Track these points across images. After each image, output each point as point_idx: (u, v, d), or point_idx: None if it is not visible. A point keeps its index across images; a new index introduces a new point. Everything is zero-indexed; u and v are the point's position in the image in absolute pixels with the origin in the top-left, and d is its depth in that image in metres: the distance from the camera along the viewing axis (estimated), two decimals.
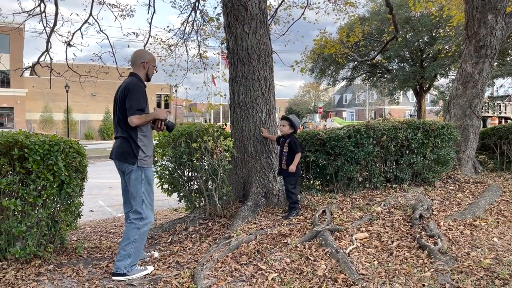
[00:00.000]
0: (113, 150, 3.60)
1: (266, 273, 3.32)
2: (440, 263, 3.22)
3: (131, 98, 3.43)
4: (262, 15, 4.97)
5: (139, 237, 3.49)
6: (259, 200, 4.84)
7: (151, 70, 3.73)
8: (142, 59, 3.66)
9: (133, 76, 3.61)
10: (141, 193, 3.51)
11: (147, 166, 3.55)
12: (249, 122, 4.96)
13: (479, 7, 6.01)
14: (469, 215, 4.43)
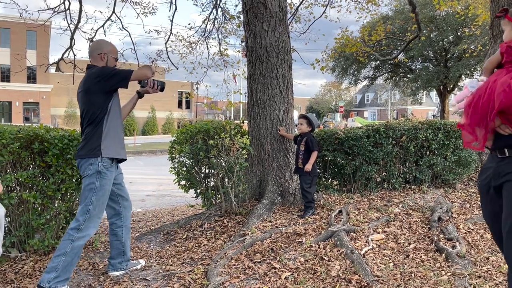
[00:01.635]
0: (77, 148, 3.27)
1: (280, 272, 3.30)
2: (458, 267, 3.14)
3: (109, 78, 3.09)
4: (281, 12, 4.95)
5: (70, 251, 3.02)
6: (275, 199, 4.82)
7: (111, 62, 3.33)
8: (100, 50, 3.28)
9: (90, 69, 3.25)
10: (89, 202, 3.11)
11: (107, 164, 3.16)
12: (266, 120, 4.94)
13: (505, 5, 5.83)
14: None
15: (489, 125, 2.03)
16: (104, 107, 3.15)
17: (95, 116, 3.14)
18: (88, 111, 3.16)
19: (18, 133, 3.63)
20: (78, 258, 3.15)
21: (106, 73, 3.12)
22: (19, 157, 3.66)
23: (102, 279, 3.42)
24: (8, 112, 40.35)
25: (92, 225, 3.13)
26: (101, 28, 9.46)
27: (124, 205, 3.51)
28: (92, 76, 3.14)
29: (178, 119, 45.99)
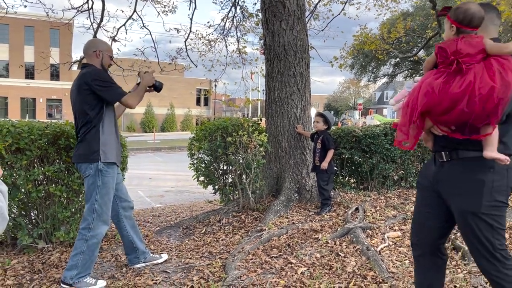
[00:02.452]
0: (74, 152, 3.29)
1: (296, 267, 3.37)
2: (474, 265, 3.15)
3: (103, 88, 3.09)
4: (299, 11, 5.00)
5: (86, 249, 3.15)
6: (291, 195, 4.89)
7: (107, 60, 3.30)
8: (95, 48, 3.26)
9: (87, 67, 3.23)
10: (94, 201, 3.17)
11: (108, 166, 3.20)
12: (283, 118, 5.01)
13: None
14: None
15: (419, 126, 2.13)
16: (97, 107, 3.15)
17: (89, 117, 3.14)
18: (82, 111, 3.16)
19: (46, 130, 3.79)
20: (96, 254, 3.28)
21: (103, 80, 3.11)
22: (46, 152, 3.81)
23: (124, 270, 3.55)
24: (32, 109, 41.35)
25: (101, 223, 3.21)
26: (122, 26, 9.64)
27: (122, 206, 3.53)
28: (88, 76, 3.10)
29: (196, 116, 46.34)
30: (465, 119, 1.97)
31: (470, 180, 2.04)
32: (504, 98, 1.88)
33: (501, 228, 2.03)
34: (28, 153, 3.67)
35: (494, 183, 2.00)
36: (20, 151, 3.69)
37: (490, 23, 2.12)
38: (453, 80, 2.01)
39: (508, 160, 1.94)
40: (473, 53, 2.01)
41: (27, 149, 3.68)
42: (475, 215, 2.02)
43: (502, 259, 2.01)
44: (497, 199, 2.00)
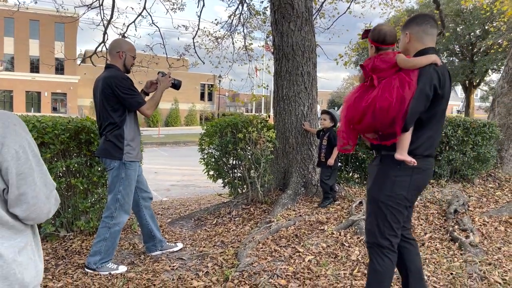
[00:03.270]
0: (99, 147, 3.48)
1: (303, 255, 3.61)
2: (470, 254, 3.39)
3: (124, 95, 3.28)
4: (307, 13, 5.20)
5: (109, 236, 3.41)
6: (298, 189, 5.11)
7: (129, 61, 3.48)
8: (118, 49, 3.42)
9: (110, 68, 3.43)
10: (117, 191, 3.40)
11: (131, 161, 3.42)
12: (291, 115, 5.22)
13: None
14: (506, 212, 4.51)
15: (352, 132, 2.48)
16: (120, 110, 3.35)
17: (113, 119, 3.34)
18: (106, 112, 3.36)
19: (68, 125, 4.02)
20: (118, 241, 3.54)
21: (125, 87, 3.30)
22: (68, 146, 4.05)
23: (143, 257, 3.79)
24: (37, 102, 41.65)
25: (123, 212, 3.45)
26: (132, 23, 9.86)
27: (142, 196, 3.76)
28: (112, 81, 3.28)
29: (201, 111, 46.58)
30: (373, 128, 2.31)
31: (381, 171, 2.37)
32: (401, 109, 2.18)
33: (395, 221, 2.33)
34: (52, 147, 3.91)
35: (397, 178, 2.30)
36: (44, 145, 3.92)
37: (423, 34, 2.37)
38: (365, 95, 2.34)
39: (414, 162, 2.24)
40: (387, 67, 2.33)
41: (51, 143, 3.91)
42: (376, 201, 2.36)
43: (386, 246, 2.35)
44: (397, 192, 2.30)
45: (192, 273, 3.38)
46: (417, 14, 2.54)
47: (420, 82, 2.20)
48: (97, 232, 3.47)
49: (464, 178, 5.67)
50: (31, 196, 1.30)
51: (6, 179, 1.27)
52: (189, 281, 3.22)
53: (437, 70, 2.21)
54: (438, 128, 2.37)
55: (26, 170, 1.29)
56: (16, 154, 1.27)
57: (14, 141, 1.27)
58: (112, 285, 3.18)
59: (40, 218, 1.36)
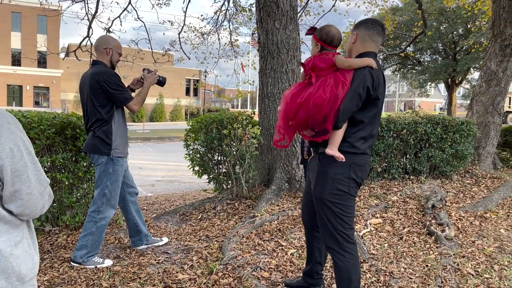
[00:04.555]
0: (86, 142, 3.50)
1: (286, 249, 3.71)
2: (445, 248, 3.54)
3: (113, 90, 3.33)
4: (292, 11, 5.28)
5: (95, 231, 3.45)
6: (282, 185, 5.22)
7: (116, 57, 3.53)
8: (105, 45, 3.46)
9: (98, 65, 3.45)
10: (104, 186, 3.44)
11: (118, 157, 3.47)
12: (276, 112, 5.31)
13: (506, 7, 6.12)
14: (481, 207, 4.69)
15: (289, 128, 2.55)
16: (108, 106, 3.40)
17: (101, 115, 3.38)
18: (94, 108, 3.39)
19: (53, 120, 4.04)
20: (103, 235, 3.59)
21: (114, 83, 3.35)
22: (53, 142, 4.07)
23: (128, 251, 3.85)
24: (19, 96, 40.95)
25: (110, 206, 3.51)
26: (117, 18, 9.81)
27: (128, 191, 3.81)
28: (100, 77, 3.32)
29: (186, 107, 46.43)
30: (306, 125, 2.41)
31: (320, 171, 2.47)
32: (334, 107, 2.29)
33: (344, 214, 2.43)
34: (37, 142, 3.93)
35: (336, 175, 2.40)
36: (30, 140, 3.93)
37: (368, 38, 2.48)
38: (303, 91, 2.45)
39: (343, 158, 2.35)
40: (326, 67, 2.44)
41: (36, 138, 3.93)
42: (321, 201, 2.45)
43: (342, 240, 2.43)
44: (339, 188, 2.40)
45: (177, 267, 3.45)
46: (369, 18, 2.65)
47: (354, 83, 2.32)
48: (83, 226, 3.51)
49: (443, 175, 5.85)
50: (25, 193, 1.36)
51: (1, 177, 1.32)
52: (174, 274, 3.29)
53: (371, 73, 2.33)
54: (373, 128, 2.47)
55: (20, 168, 1.35)
56: (11, 152, 1.32)
57: (9, 139, 1.33)
58: (98, 278, 3.24)
59: (34, 214, 1.41)
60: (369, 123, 2.42)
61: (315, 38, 2.56)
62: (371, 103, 2.37)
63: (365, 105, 2.37)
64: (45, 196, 1.43)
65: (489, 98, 6.45)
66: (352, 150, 2.40)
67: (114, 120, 3.47)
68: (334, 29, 2.54)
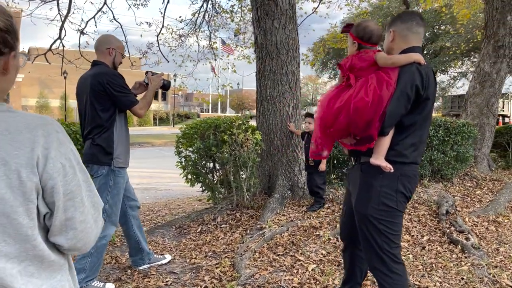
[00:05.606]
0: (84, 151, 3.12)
1: (305, 264, 3.43)
2: (475, 257, 3.35)
3: (117, 93, 3.01)
4: (291, 10, 5.03)
5: (95, 252, 3.04)
6: (285, 193, 4.94)
7: (119, 58, 3.23)
8: (108, 45, 3.15)
9: (99, 65, 3.13)
10: (104, 201, 3.05)
11: (120, 168, 3.14)
12: (276, 116, 5.04)
13: (499, 8, 6.11)
14: (491, 211, 4.57)
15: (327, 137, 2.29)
16: (110, 110, 3.06)
17: (102, 120, 3.04)
18: (94, 112, 3.03)
19: None
20: (103, 256, 3.20)
21: (118, 84, 3.01)
22: None
23: (130, 272, 3.46)
24: None
25: (110, 223, 3.12)
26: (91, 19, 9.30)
27: (129, 205, 3.45)
28: (103, 77, 3.00)
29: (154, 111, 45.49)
30: (347, 132, 2.12)
31: (363, 183, 2.19)
32: (378, 111, 2.00)
33: (390, 232, 2.14)
34: None
35: (382, 188, 2.11)
36: None
37: (409, 32, 2.21)
38: (341, 94, 2.16)
39: (390, 168, 2.06)
40: (366, 66, 2.15)
41: None
42: (365, 217, 2.16)
43: (389, 261, 2.14)
44: (385, 203, 2.11)
45: None
46: (403, 11, 2.39)
47: (400, 82, 2.04)
48: None
49: (444, 178, 5.74)
50: (79, 221, 1.04)
51: (50, 201, 0.99)
52: None
53: (419, 70, 2.06)
54: (422, 133, 2.20)
55: (74, 188, 1.02)
56: (63, 168, 1.00)
57: (59, 152, 1.00)
58: None
59: (86, 248, 1.10)
60: (419, 127, 2.16)
61: (351, 36, 2.27)
62: (420, 105, 2.09)
63: (414, 107, 2.08)
64: (99, 222, 1.12)
65: (484, 100, 6.42)
66: (400, 159, 2.12)
67: (116, 127, 3.09)
68: (372, 24, 2.27)
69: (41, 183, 0.98)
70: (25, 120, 1.01)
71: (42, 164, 0.97)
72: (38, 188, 0.97)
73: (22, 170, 0.94)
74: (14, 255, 0.97)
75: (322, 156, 2.43)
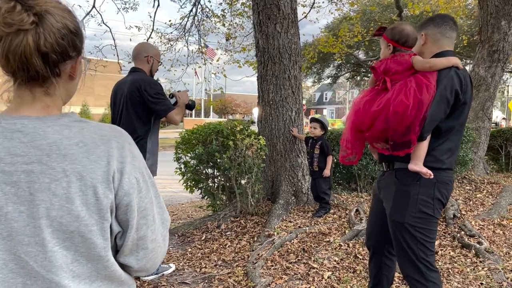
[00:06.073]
0: None
1: (320, 271, 3.37)
2: (490, 262, 3.34)
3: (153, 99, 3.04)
4: (293, 14, 5.00)
5: None
6: (289, 198, 4.88)
7: (156, 66, 3.36)
8: (146, 53, 3.26)
9: (137, 72, 3.22)
10: None
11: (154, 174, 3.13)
12: (278, 121, 4.98)
13: (493, 13, 6.20)
14: (495, 215, 4.60)
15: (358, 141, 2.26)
16: (147, 118, 3.10)
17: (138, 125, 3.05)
18: (130, 117, 3.06)
19: None
20: None
21: (156, 91, 3.05)
22: None
23: (139, 283, 3.34)
24: None
25: None
26: None
27: None
28: (142, 84, 3.04)
29: None
30: (385, 136, 2.06)
31: (399, 190, 2.14)
32: (418, 115, 1.95)
33: (427, 240, 2.09)
34: None
35: (419, 195, 2.07)
36: None
37: (441, 36, 2.18)
38: (378, 98, 2.11)
39: (431, 175, 2.01)
40: (401, 70, 2.11)
41: None
42: (401, 225, 2.11)
43: (425, 269, 2.10)
44: (423, 211, 2.07)
45: None
46: (436, 14, 2.37)
47: (440, 86, 2.00)
48: None
49: None
50: (150, 240, 0.96)
51: (123, 219, 0.91)
52: None
53: (458, 74, 2.03)
54: (458, 138, 2.17)
55: (147, 206, 0.95)
56: (137, 184, 0.92)
57: (133, 166, 0.92)
58: None
59: (153, 268, 1.03)
60: (455, 132, 2.13)
61: (385, 39, 2.22)
62: (457, 109, 2.06)
63: (452, 111, 2.05)
64: (166, 241, 1.04)
65: (479, 104, 6.49)
66: (437, 165, 2.07)
67: (150, 136, 3.11)
68: (408, 27, 2.23)
69: (116, 200, 0.89)
70: (99, 131, 0.93)
71: (117, 179, 0.89)
72: (112, 206, 0.89)
73: (98, 185, 0.86)
74: (86, 275, 0.89)
75: (352, 162, 2.36)
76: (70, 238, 0.85)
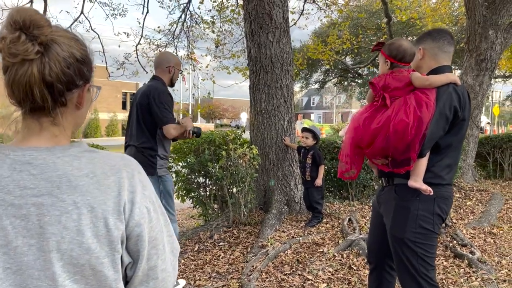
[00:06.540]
0: None
1: (315, 283, 3.36)
2: (483, 272, 3.37)
3: (157, 107, 3.15)
4: (285, 24, 5.01)
5: None
6: (282, 208, 4.87)
7: (176, 75, 3.45)
8: (168, 63, 3.36)
9: (156, 80, 3.32)
10: None
11: (165, 174, 3.32)
12: (271, 130, 4.98)
13: (481, 23, 6.31)
14: (485, 223, 4.65)
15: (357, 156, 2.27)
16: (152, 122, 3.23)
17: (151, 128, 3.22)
18: (138, 121, 3.24)
19: None
20: None
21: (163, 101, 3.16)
22: None
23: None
24: None
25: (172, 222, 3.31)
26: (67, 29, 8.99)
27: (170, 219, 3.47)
28: (152, 91, 3.19)
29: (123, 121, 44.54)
30: (385, 153, 2.07)
31: (398, 206, 2.15)
32: (418, 133, 1.96)
33: (427, 255, 2.11)
34: None
35: (419, 211, 2.08)
36: None
37: (439, 51, 2.20)
38: (377, 115, 2.12)
39: (430, 191, 2.03)
40: (401, 86, 2.12)
41: None
42: (401, 241, 2.12)
43: (425, 284, 2.11)
44: (423, 226, 2.08)
45: None
46: (433, 28, 2.38)
47: (439, 103, 2.01)
48: None
49: None
50: (160, 269, 0.94)
51: (134, 250, 0.90)
52: None
53: (457, 90, 2.04)
54: (457, 154, 2.19)
55: (158, 235, 0.93)
56: (148, 214, 0.91)
57: (144, 196, 0.91)
58: None
59: None
60: (454, 149, 2.15)
61: (383, 54, 2.23)
62: (456, 125, 2.08)
63: (450, 128, 2.06)
64: (175, 270, 1.02)
65: None
66: (436, 181, 2.08)
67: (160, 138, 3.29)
68: (405, 43, 2.23)
69: (127, 231, 0.88)
70: (109, 161, 0.92)
71: (128, 210, 0.88)
72: (123, 237, 0.88)
73: (109, 217, 0.85)
74: None
75: (352, 177, 2.36)
76: (80, 271, 0.83)
